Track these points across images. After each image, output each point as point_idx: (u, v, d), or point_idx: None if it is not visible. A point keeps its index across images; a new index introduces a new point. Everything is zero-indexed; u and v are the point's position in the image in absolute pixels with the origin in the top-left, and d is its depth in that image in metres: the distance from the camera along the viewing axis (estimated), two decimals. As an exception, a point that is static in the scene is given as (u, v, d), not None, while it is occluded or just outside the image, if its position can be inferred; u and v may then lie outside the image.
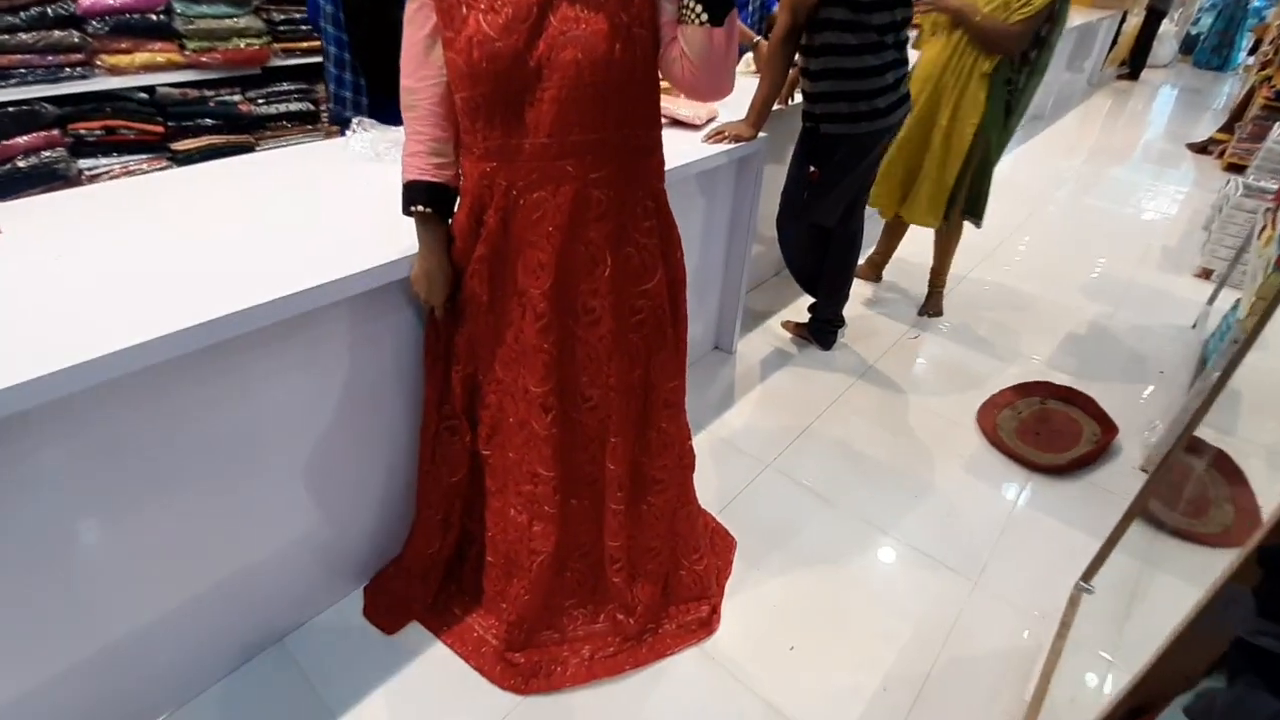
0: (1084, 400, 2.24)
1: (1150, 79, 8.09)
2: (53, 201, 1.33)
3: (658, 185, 1.18)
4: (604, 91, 1.03)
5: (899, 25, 1.87)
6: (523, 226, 1.11)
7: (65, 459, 0.97)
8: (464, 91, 1.04)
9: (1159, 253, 3.52)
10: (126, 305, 0.98)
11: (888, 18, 1.82)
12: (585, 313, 1.17)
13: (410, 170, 1.11)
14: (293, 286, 1.04)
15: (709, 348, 2.47)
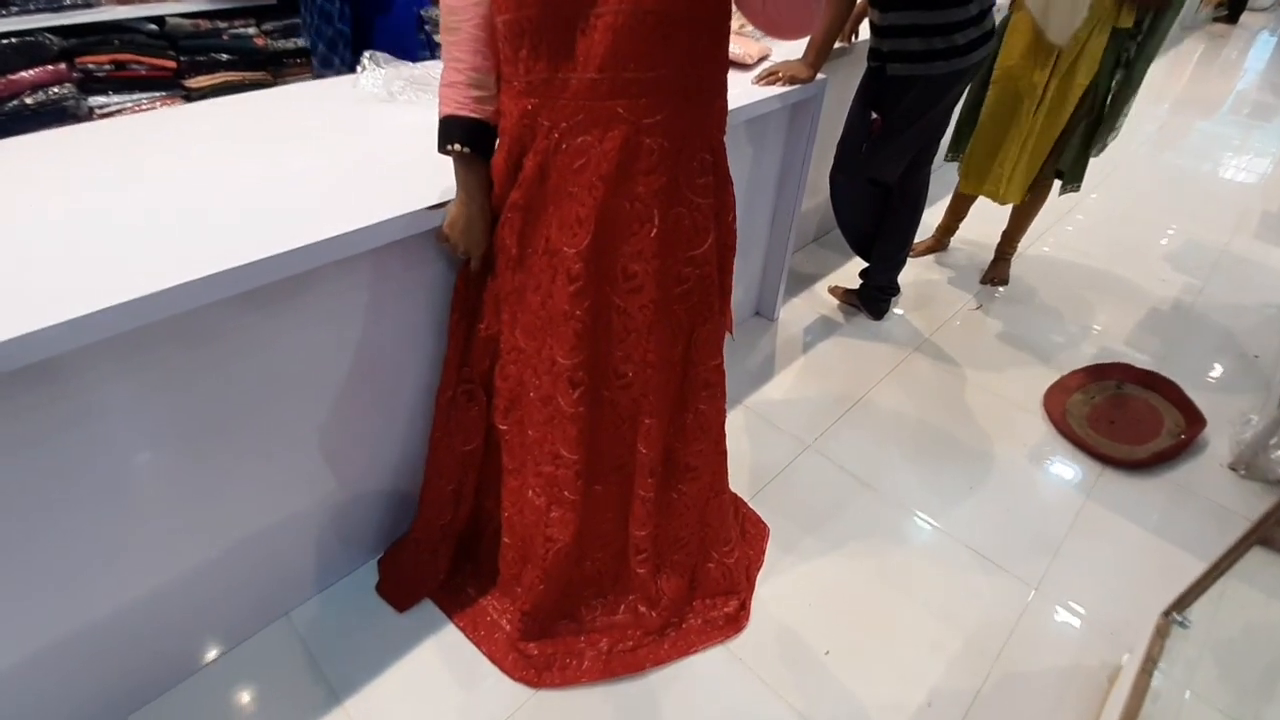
0: (1167, 386, 2.01)
1: (1250, 23, 7.30)
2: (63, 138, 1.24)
3: (718, 137, 1.02)
4: (668, 21, 0.86)
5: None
6: (563, 175, 0.96)
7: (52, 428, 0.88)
8: (507, 14, 0.89)
9: (1257, 219, 3.16)
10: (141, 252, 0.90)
11: None
12: (626, 278, 1.02)
13: (448, 103, 0.97)
14: (315, 235, 0.94)
15: (750, 313, 2.30)
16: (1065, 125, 2.06)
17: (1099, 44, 1.89)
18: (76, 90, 1.90)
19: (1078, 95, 1.98)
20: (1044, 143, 2.11)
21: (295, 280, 0.99)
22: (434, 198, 1.08)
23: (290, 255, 0.93)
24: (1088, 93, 1.99)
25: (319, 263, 0.97)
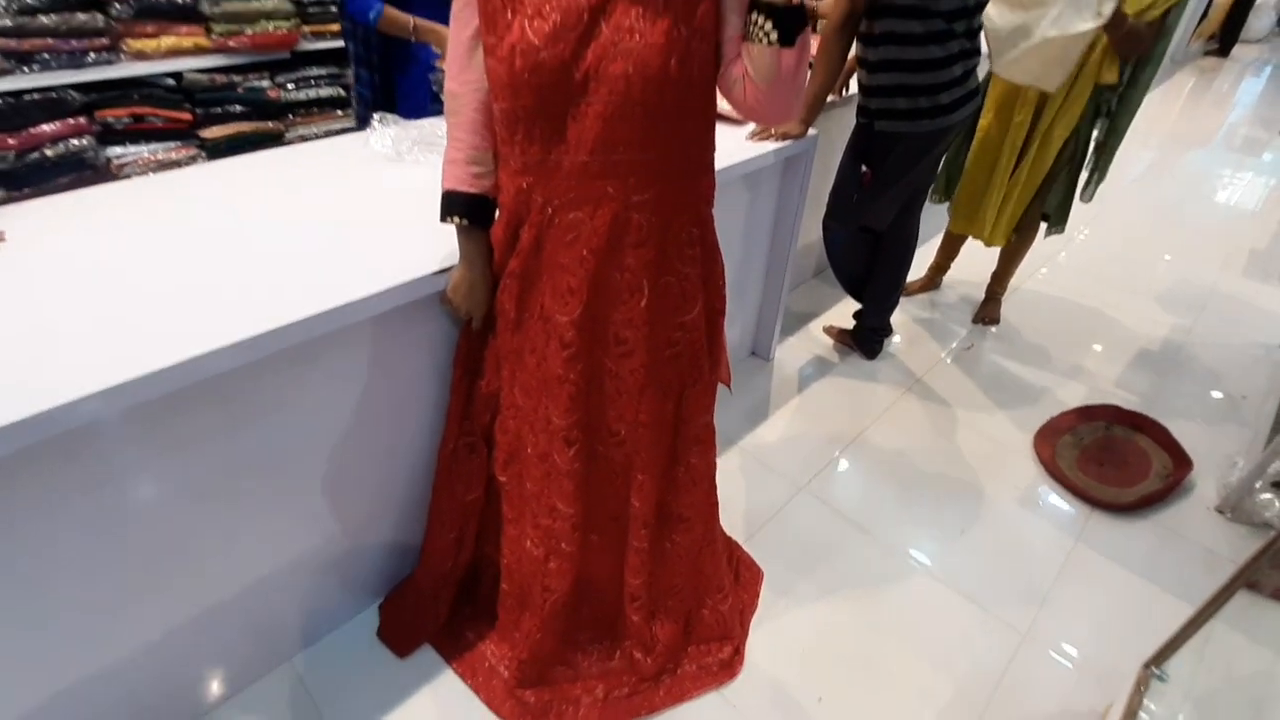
0: (1154, 429, 2.05)
1: (1241, 55, 7.45)
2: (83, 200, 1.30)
3: (705, 210, 1.07)
4: (655, 110, 0.92)
5: (971, 11, 1.67)
6: (556, 247, 1.02)
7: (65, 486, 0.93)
8: (504, 103, 0.95)
9: (1245, 257, 3.22)
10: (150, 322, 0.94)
11: (958, 2, 1.62)
12: (617, 344, 1.08)
13: (449, 179, 1.04)
14: (327, 302, 1.00)
15: (745, 353, 2.35)
16: (1048, 172, 2.13)
17: (1080, 98, 1.96)
18: (95, 142, 1.97)
19: (1058, 145, 2.06)
20: (1028, 189, 2.18)
21: (305, 343, 1.04)
22: (438, 261, 1.13)
23: (300, 324, 0.97)
24: (1069, 141, 2.06)
25: (329, 329, 1.02)
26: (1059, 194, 2.24)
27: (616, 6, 0.90)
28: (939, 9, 1.61)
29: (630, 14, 0.89)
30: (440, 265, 1.12)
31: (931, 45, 1.65)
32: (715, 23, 0.93)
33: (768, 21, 0.88)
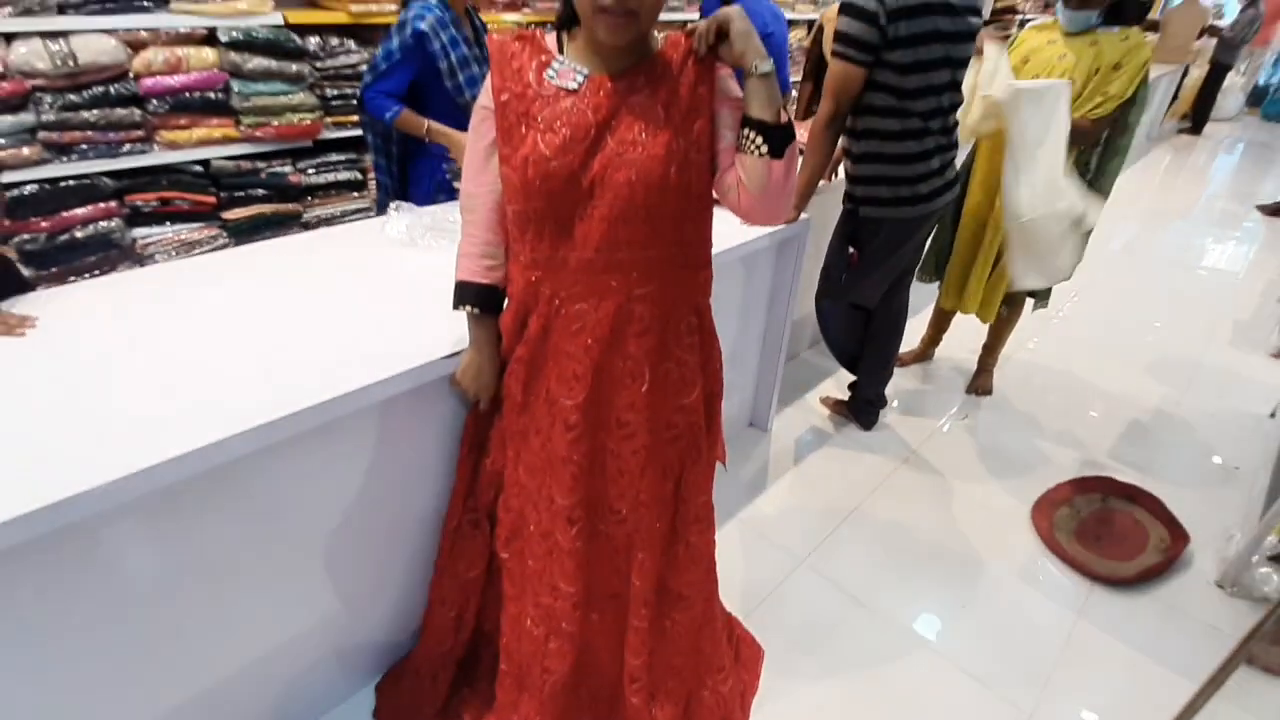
0: (1150, 501, 2.07)
1: (1214, 133, 7.80)
2: (103, 288, 1.37)
3: (703, 301, 1.14)
4: (656, 213, 1.00)
5: (945, 111, 1.80)
6: (562, 336, 1.09)
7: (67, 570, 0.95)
8: (516, 205, 1.04)
9: (1229, 328, 3.30)
10: (161, 410, 0.98)
11: (933, 104, 1.76)
12: (619, 426, 1.13)
13: (462, 270, 1.12)
14: (339, 388, 1.05)
15: (743, 424, 2.39)
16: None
17: None
18: (123, 224, 2.08)
19: None
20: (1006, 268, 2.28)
21: (316, 427, 1.08)
22: (449, 345, 1.19)
23: (314, 410, 1.02)
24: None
25: (342, 413, 1.07)
26: None
27: (621, 122, 0.99)
28: (914, 110, 1.74)
29: (634, 128, 0.99)
30: (451, 349, 1.19)
31: (909, 141, 1.78)
32: (711, 136, 1.02)
33: (759, 136, 0.97)
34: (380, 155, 2.00)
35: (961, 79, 1.79)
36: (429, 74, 1.82)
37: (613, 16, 0.92)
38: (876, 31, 1.63)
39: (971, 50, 1.77)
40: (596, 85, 1.00)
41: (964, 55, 1.75)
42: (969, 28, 1.72)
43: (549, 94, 1.00)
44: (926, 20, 1.64)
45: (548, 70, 1.01)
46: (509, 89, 1.01)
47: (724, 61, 1.02)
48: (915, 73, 1.69)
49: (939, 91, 1.75)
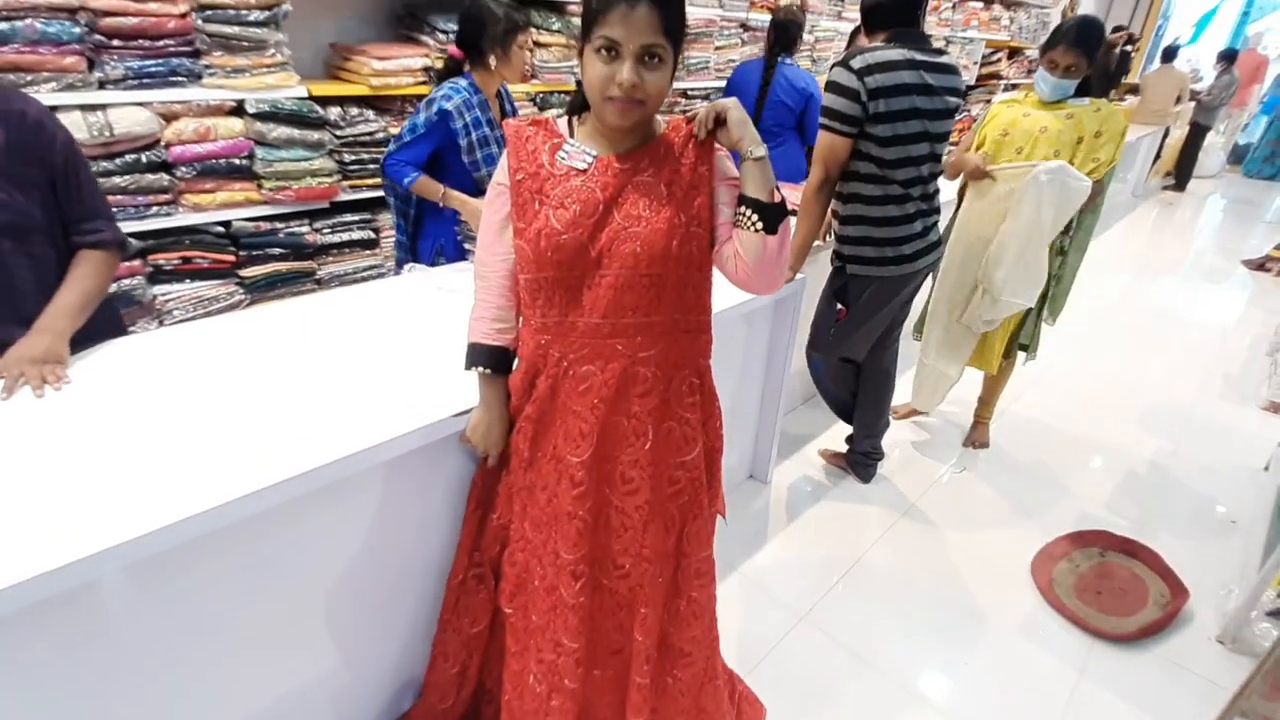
0: (1148, 555, 2.08)
1: (1197, 190, 8.04)
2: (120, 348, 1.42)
3: (704, 363, 1.20)
4: (659, 281, 1.08)
5: (925, 179, 1.92)
6: (569, 395, 1.14)
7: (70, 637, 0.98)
8: (528, 274, 1.11)
9: (1220, 381, 3.36)
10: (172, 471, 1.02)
11: (912, 174, 1.87)
12: (624, 482, 1.17)
13: (475, 333, 1.18)
14: (351, 447, 1.10)
15: (743, 476, 2.42)
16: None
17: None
18: (145, 281, 2.16)
19: None
20: (1010, 320, 2.36)
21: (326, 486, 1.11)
22: (459, 403, 1.25)
23: (320, 471, 1.05)
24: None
25: (353, 472, 1.11)
26: (1030, 323, 2.42)
27: (627, 198, 1.07)
28: (895, 178, 1.86)
29: (639, 204, 1.07)
30: (461, 408, 1.24)
31: (890, 206, 1.89)
32: (710, 211, 1.10)
33: (754, 214, 1.05)
34: (399, 217, 2.14)
35: (941, 152, 1.92)
36: (450, 147, 1.95)
37: (620, 103, 1.01)
38: (859, 107, 1.76)
39: (950, 126, 1.89)
40: (604, 165, 1.08)
41: (942, 131, 1.87)
42: (946, 106, 1.85)
43: (560, 173, 1.08)
44: (904, 99, 1.77)
45: (560, 152, 1.09)
46: (524, 169, 1.09)
47: (722, 144, 1.11)
48: (894, 145, 1.81)
49: (918, 163, 1.87)
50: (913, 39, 1.80)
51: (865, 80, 1.74)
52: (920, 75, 1.78)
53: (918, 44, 1.80)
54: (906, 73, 1.76)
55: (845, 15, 4.75)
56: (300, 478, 1.04)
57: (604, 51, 0.99)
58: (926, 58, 1.80)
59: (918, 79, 1.78)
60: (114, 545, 0.88)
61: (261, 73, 2.18)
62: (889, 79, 1.75)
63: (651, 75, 1.01)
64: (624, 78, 0.98)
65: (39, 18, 1.82)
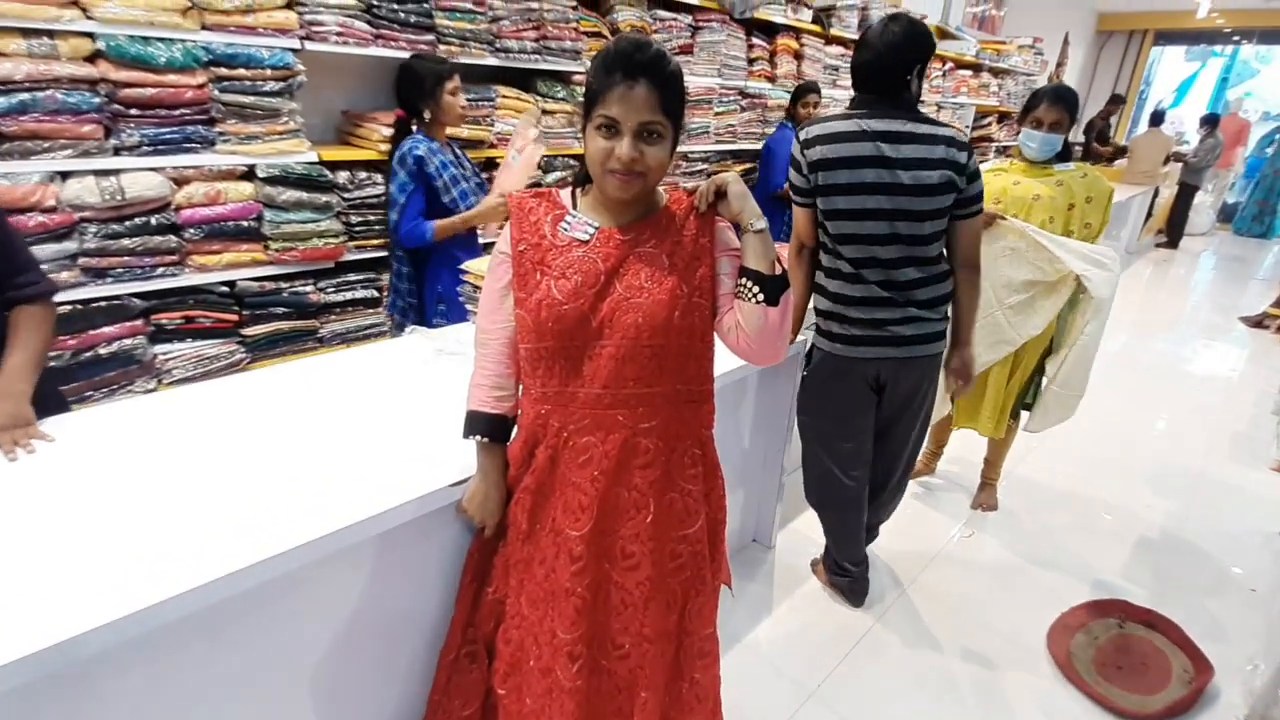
0: (1168, 626, 2.01)
1: (1190, 247, 8.17)
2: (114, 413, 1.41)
3: (706, 433, 1.19)
4: (660, 352, 1.07)
5: (887, 263, 1.66)
6: (569, 467, 1.12)
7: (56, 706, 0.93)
8: (529, 343, 1.10)
9: (1227, 441, 3.32)
10: (155, 548, 0.99)
11: (864, 253, 1.66)
12: (624, 557, 1.13)
13: (474, 400, 1.17)
14: (342, 520, 1.06)
15: (747, 540, 2.36)
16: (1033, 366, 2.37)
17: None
18: (147, 341, 2.16)
19: (1045, 341, 2.33)
20: (1018, 382, 2.38)
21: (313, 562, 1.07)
22: (456, 472, 1.22)
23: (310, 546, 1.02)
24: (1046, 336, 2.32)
25: (347, 544, 1.08)
26: (1034, 383, 2.41)
27: (629, 269, 1.08)
28: (843, 254, 1.68)
29: (640, 275, 1.07)
30: (457, 477, 1.21)
31: (839, 281, 1.72)
32: (712, 282, 1.11)
33: (755, 285, 1.05)
34: (404, 280, 2.18)
35: (922, 233, 1.63)
36: (431, 195, 2.08)
37: (621, 176, 1.03)
38: (802, 178, 1.66)
39: (932, 205, 1.61)
40: (606, 236, 1.09)
41: (916, 209, 1.61)
42: (917, 181, 1.58)
43: (563, 244, 1.09)
44: (848, 172, 1.60)
45: (562, 223, 1.11)
46: (526, 240, 1.10)
47: (723, 217, 1.12)
48: (836, 220, 1.66)
49: (871, 242, 1.64)
50: (880, 106, 1.61)
51: (806, 152, 1.63)
52: (876, 147, 1.57)
53: (885, 111, 1.60)
54: (858, 144, 1.58)
55: (840, 84, 4.93)
56: (288, 554, 1.01)
57: (604, 129, 1.01)
58: (889, 126, 1.58)
59: (872, 150, 1.58)
60: (87, 630, 0.84)
61: (274, 139, 2.24)
62: (832, 151, 1.60)
63: (651, 149, 1.03)
64: (623, 152, 1.00)
65: (60, 88, 1.88)
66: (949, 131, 1.62)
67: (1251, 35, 9.81)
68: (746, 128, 4.21)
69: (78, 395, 2.07)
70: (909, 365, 1.76)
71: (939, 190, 1.61)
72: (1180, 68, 11.56)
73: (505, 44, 2.81)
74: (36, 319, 1.33)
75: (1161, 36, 10.35)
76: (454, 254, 2.14)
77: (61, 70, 1.86)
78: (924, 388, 1.83)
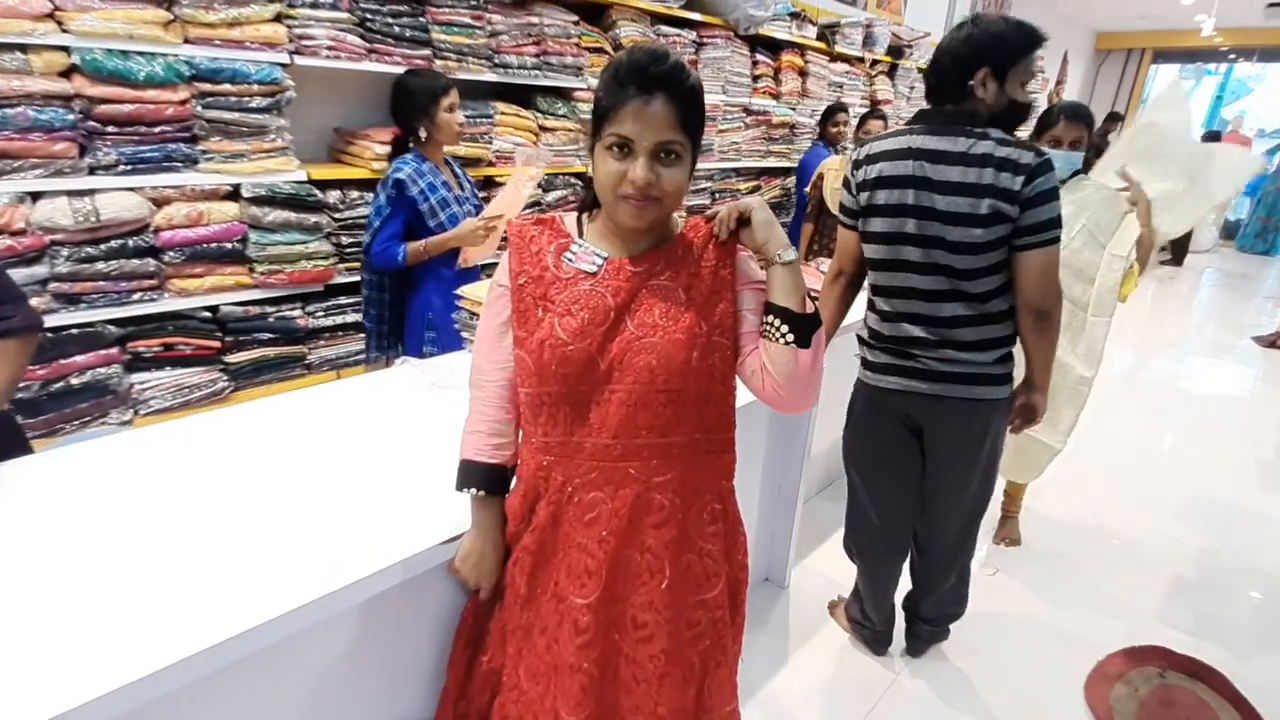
0: (1213, 677, 1.87)
1: (1194, 264, 8.10)
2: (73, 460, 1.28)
3: (727, 485, 1.06)
4: (677, 398, 0.95)
5: (927, 296, 1.50)
6: (573, 526, 0.99)
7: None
8: (529, 388, 0.98)
9: (1255, 468, 3.20)
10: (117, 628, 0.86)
11: (898, 281, 1.53)
12: (636, 628, 1.00)
13: (468, 448, 1.05)
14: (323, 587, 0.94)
15: (759, 579, 2.22)
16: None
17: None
18: (122, 370, 2.04)
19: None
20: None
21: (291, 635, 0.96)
22: (448, 528, 1.09)
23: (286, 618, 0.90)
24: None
25: (320, 617, 0.95)
26: None
27: (641, 305, 0.96)
28: (877, 281, 1.59)
29: (654, 311, 0.96)
30: (449, 533, 1.08)
31: (872, 307, 1.64)
32: (734, 319, 0.99)
33: (784, 325, 0.94)
34: (376, 307, 2.09)
35: (963, 266, 1.45)
36: (416, 218, 1.98)
37: (635, 202, 0.91)
38: (853, 199, 1.58)
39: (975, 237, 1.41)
40: (616, 268, 0.98)
41: (952, 239, 1.43)
42: (956, 210, 1.41)
43: (567, 277, 0.98)
44: (886, 193, 1.49)
45: (566, 253, 0.99)
46: (526, 272, 0.98)
47: (745, 246, 1.01)
48: (874, 243, 1.55)
49: (910, 269, 1.50)
50: (935, 120, 1.47)
51: (855, 172, 1.54)
52: (920, 166, 1.43)
53: (941, 127, 1.44)
54: (901, 163, 1.46)
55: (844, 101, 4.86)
56: (261, 628, 0.88)
57: (616, 149, 0.90)
58: (938, 144, 1.42)
59: (914, 169, 1.44)
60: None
61: (260, 157, 2.14)
62: (876, 170, 1.49)
63: (668, 171, 0.92)
64: (637, 175, 0.89)
65: (33, 105, 1.78)
66: (1008, 152, 1.37)
67: (1250, 54, 9.83)
68: (751, 145, 4.13)
69: (48, 428, 1.95)
70: (944, 408, 1.55)
71: (982, 221, 1.40)
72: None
73: (504, 59, 2.72)
74: (8, 353, 1.24)
75: (1160, 55, 10.38)
76: (442, 274, 2.03)
77: (34, 86, 1.76)
78: (970, 442, 1.57)
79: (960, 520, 1.71)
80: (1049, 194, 1.38)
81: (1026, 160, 1.37)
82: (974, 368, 1.52)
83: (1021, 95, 1.44)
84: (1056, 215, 1.40)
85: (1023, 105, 1.45)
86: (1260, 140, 9.89)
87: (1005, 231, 1.41)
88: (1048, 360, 1.54)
